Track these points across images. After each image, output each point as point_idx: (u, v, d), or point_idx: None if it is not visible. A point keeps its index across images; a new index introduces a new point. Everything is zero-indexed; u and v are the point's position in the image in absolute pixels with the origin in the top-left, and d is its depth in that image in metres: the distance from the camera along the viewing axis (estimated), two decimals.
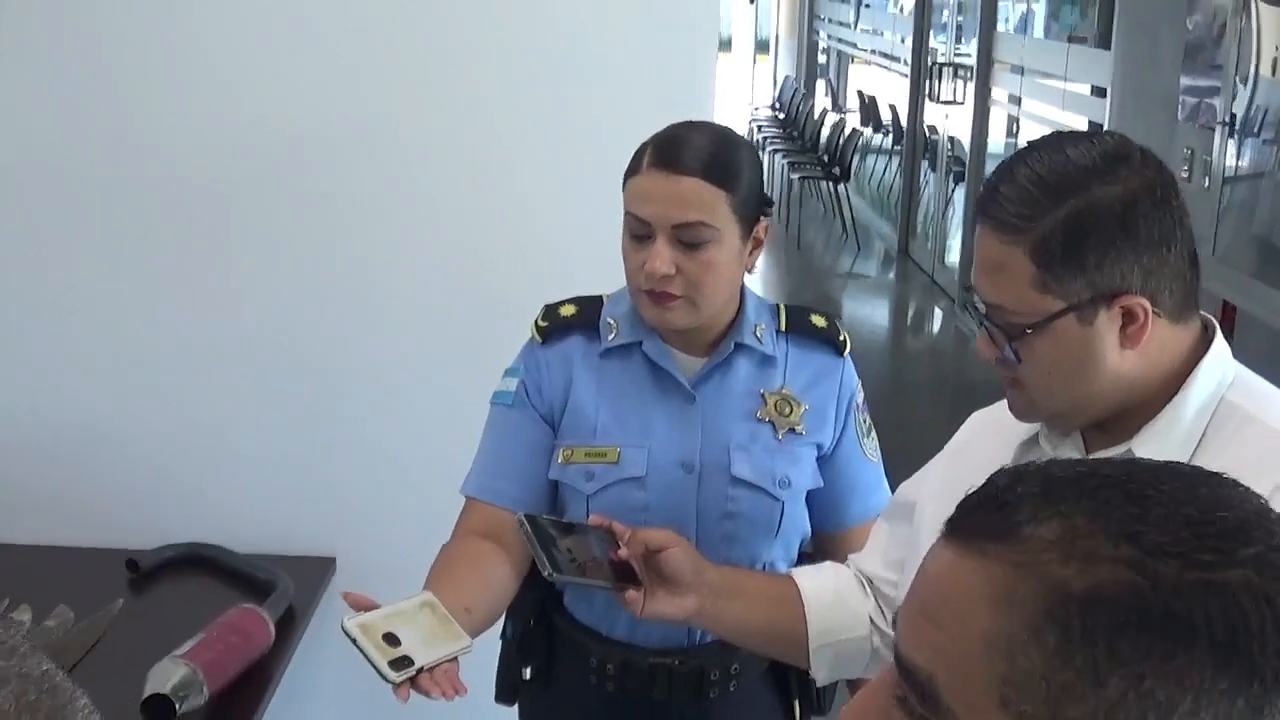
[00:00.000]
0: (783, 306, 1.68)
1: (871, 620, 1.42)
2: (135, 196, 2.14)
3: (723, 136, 1.53)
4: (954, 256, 7.94)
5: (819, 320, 1.67)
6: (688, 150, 1.48)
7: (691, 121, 1.56)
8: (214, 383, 2.23)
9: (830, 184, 9.82)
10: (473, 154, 2.16)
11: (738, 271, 1.55)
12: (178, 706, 1.62)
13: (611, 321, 1.61)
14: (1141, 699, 0.58)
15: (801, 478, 1.62)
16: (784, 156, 10.45)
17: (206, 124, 2.12)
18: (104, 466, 2.23)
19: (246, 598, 1.93)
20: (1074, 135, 1.15)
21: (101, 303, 2.19)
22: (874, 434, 1.72)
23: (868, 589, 1.45)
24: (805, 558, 1.68)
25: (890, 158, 10.20)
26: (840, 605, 1.43)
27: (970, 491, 0.67)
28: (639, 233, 1.50)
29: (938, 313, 7.99)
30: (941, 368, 7.13)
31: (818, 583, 1.46)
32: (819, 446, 1.64)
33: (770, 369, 1.62)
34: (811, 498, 1.66)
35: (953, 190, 8.16)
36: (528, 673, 1.70)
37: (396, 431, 2.25)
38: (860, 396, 1.69)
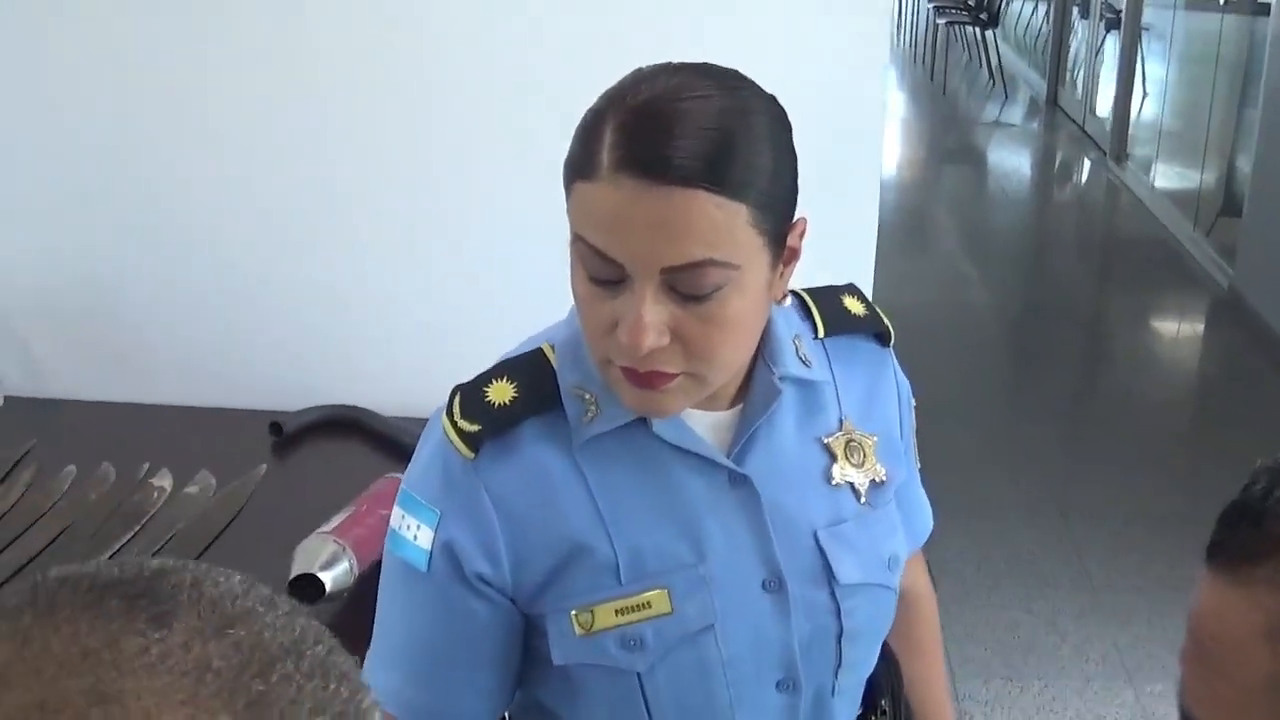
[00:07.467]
0: (808, 296, 1.16)
1: None
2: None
3: (723, 103, 0.91)
4: (1104, 106, 7.82)
5: (854, 305, 1.17)
6: (674, 138, 0.88)
7: (670, 66, 0.94)
8: (362, 238, 2.09)
9: (977, 29, 9.91)
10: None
11: (765, 310, 1.01)
12: (327, 587, 1.56)
13: (587, 395, 1.04)
14: None
15: (901, 545, 1.16)
16: (930, 0, 10.41)
17: None
18: (247, 323, 2.12)
19: (394, 464, 1.83)
20: None
21: (245, 156, 2.03)
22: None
23: None
24: None
25: (1039, 3, 10.17)
26: None
27: (1231, 502, 0.57)
28: (604, 276, 0.93)
29: (1086, 163, 7.93)
30: (1090, 221, 7.12)
31: None
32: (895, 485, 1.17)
33: (817, 397, 1.11)
34: None
35: (1104, 38, 8.01)
36: None
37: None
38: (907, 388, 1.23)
